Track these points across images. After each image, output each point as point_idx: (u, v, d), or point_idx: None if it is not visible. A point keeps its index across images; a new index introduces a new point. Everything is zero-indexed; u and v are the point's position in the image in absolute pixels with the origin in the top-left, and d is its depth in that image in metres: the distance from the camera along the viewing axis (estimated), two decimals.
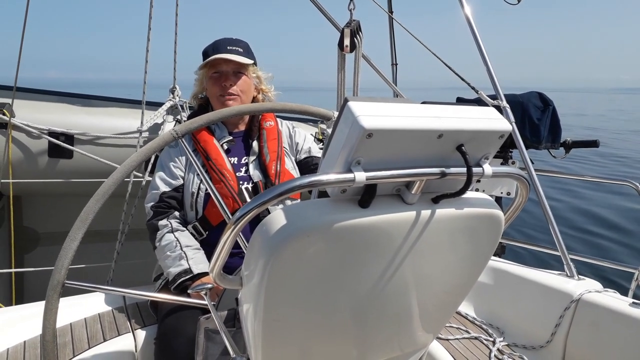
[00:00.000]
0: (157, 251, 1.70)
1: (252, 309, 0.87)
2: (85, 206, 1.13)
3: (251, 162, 1.78)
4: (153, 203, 1.73)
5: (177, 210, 1.75)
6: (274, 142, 1.82)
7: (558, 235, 1.95)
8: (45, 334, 1.10)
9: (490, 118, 0.83)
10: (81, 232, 1.11)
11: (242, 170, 1.77)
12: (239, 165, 1.78)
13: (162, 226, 1.69)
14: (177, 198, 1.74)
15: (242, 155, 1.80)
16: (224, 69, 1.77)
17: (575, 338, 1.73)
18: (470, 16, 2.13)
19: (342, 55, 1.97)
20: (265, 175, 1.75)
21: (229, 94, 1.76)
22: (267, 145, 1.80)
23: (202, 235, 1.73)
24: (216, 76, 1.78)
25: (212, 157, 1.71)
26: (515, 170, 0.95)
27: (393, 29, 3.71)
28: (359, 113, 0.72)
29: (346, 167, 0.75)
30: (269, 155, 1.78)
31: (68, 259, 1.10)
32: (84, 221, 1.12)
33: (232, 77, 1.77)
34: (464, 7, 2.13)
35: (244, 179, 1.74)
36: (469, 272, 1.04)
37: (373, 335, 1.03)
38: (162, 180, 1.75)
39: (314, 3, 2.14)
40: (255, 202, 0.75)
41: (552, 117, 2.81)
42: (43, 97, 2.68)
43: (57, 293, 1.09)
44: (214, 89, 1.79)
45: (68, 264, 1.10)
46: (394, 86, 2.64)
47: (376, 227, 0.81)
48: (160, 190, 1.73)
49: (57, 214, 2.89)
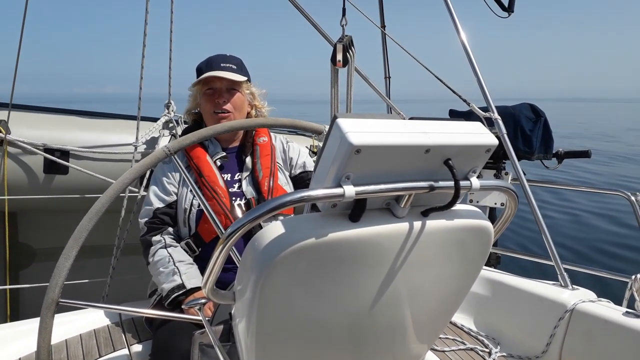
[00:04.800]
0: (150, 267, 1.70)
1: (245, 323, 0.87)
2: (79, 225, 1.14)
3: (244, 179, 1.79)
4: (147, 219, 1.74)
5: (171, 226, 1.75)
6: (267, 158, 1.82)
7: (551, 245, 1.96)
8: (40, 352, 1.10)
9: (477, 132, 0.85)
10: (75, 251, 1.12)
11: (235, 186, 1.77)
12: (232, 181, 1.78)
13: (156, 242, 1.70)
14: (171, 214, 1.75)
15: (235, 171, 1.81)
16: (217, 86, 1.78)
17: (570, 348, 1.73)
18: (466, 42, 2.17)
19: (335, 70, 1.99)
20: (258, 192, 1.75)
21: (222, 110, 1.77)
22: (260, 162, 1.80)
23: (195, 252, 1.73)
24: (210, 93, 1.79)
25: (204, 174, 1.72)
26: (503, 183, 0.96)
27: (386, 42, 3.75)
28: (348, 129, 0.74)
29: (336, 182, 0.76)
30: (262, 171, 1.78)
31: (62, 278, 1.10)
32: (77, 240, 1.13)
33: (225, 94, 1.78)
34: (460, 33, 2.17)
35: (237, 195, 1.75)
36: (461, 283, 1.05)
37: (367, 347, 1.04)
38: (156, 196, 1.75)
39: (307, 19, 2.16)
40: (246, 218, 0.76)
41: (544, 128, 2.84)
42: (38, 114, 2.70)
43: (52, 312, 1.10)
44: (207, 106, 1.79)
45: (62, 283, 1.11)
46: (387, 99, 2.67)
47: (367, 240, 0.82)
48: (154, 206, 1.74)
49: (52, 230, 2.88)
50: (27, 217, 2.92)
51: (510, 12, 2.96)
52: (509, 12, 2.96)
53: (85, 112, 2.82)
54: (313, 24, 2.18)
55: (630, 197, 2.28)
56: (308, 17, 2.16)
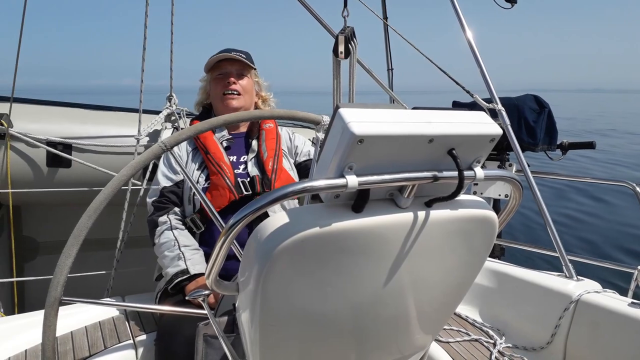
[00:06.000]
0: (155, 248, 1.73)
1: (248, 314, 0.87)
2: (78, 222, 1.15)
3: (250, 160, 1.84)
4: (155, 198, 1.79)
5: (177, 205, 1.79)
6: (272, 141, 1.89)
7: (556, 237, 1.95)
8: (45, 350, 1.11)
9: (481, 122, 0.84)
10: (75, 249, 1.13)
11: (241, 167, 1.82)
12: (237, 163, 1.83)
13: (162, 223, 1.73)
14: (177, 193, 1.79)
15: (241, 153, 1.86)
16: (228, 69, 1.88)
17: (575, 339, 1.73)
18: (468, 31, 2.16)
19: (337, 62, 1.98)
20: (263, 172, 1.80)
21: (231, 91, 1.85)
22: (265, 144, 1.86)
23: (200, 229, 1.75)
24: (220, 77, 1.88)
25: (210, 151, 1.78)
26: (507, 173, 0.96)
27: (388, 34, 3.73)
28: (350, 119, 0.73)
29: (339, 172, 0.76)
30: (267, 152, 1.84)
31: (63, 276, 1.11)
32: (77, 237, 1.14)
33: (235, 76, 1.87)
34: (465, 31, 2.17)
35: (242, 176, 1.79)
36: (465, 274, 1.05)
37: (371, 338, 1.04)
38: (164, 176, 1.81)
39: (309, 11, 2.15)
40: (249, 209, 0.76)
41: (548, 119, 2.82)
42: (41, 107, 2.70)
43: (55, 310, 1.11)
44: (217, 89, 1.87)
45: (64, 281, 1.12)
46: (390, 91, 2.65)
47: (370, 231, 0.82)
48: (161, 185, 1.79)
49: (56, 223, 2.89)
50: (31, 211, 2.93)
51: (514, 2, 2.93)
52: (512, 2, 2.93)
53: (88, 105, 2.82)
54: (314, 15, 2.17)
55: (635, 188, 2.27)
56: (309, 8, 2.15)
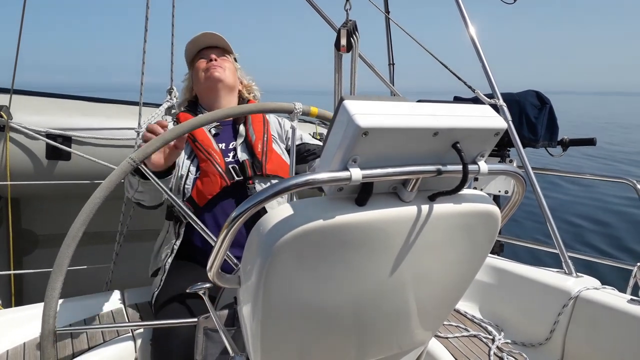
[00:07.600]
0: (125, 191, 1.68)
1: (250, 308, 0.87)
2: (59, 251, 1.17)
3: (239, 145, 1.80)
4: None
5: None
6: (260, 124, 1.86)
7: (556, 233, 1.95)
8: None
9: (486, 116, 0.83)
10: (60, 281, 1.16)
11: (230, 155, 1.78)
12: (227, 150, 1.79)
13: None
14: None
15: (230, 140, 1.83)
16: (209, 52, 1.89)
17: (573, 335, 1.73)
18: (470, 25, 2.15)
19: (339, 56, 1.97)
20: (252, 155, 1.76)
21: (214, 65, 1.84)
22: (252, 127, 1.84)
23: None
24: (202, 60, 1.88)
25: (198, 139, 1.74)
26: (511, 168, 0.95)
27: (390, 29, 3.72)
28: (355, 112, 0.72)
29: (342, 165, 0.75)
30: (255, 134, 1.81)
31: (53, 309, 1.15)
32: (61, 267, 1.16)
33: (217, 54, 1.89)
34: (468, 27, 2.16)
35: (233, 163, 1.75)
36: (467, 269, 1.05)
37: (371, 332, 1.04)
38: None
39: (311, 4, 2.14)
40: (251, 202, 0.75)
41: (549, 116, 2.81)
42: (40, 99, 2.68)
43: (51, 342, 1.13)
44: (199, 71, 1.86)
45: (55, 312, 1.14)
46: (391, 85, 2.65)
47: (373, 224, 0.81)
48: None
49: (55, 216, 2.88)
50: (30, 203, 2.92)
51: None
52: None
53: (88, 98, 2.80)
54: (316, 9, 2.16)
55: (636, 184, 2.27)
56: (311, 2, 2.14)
